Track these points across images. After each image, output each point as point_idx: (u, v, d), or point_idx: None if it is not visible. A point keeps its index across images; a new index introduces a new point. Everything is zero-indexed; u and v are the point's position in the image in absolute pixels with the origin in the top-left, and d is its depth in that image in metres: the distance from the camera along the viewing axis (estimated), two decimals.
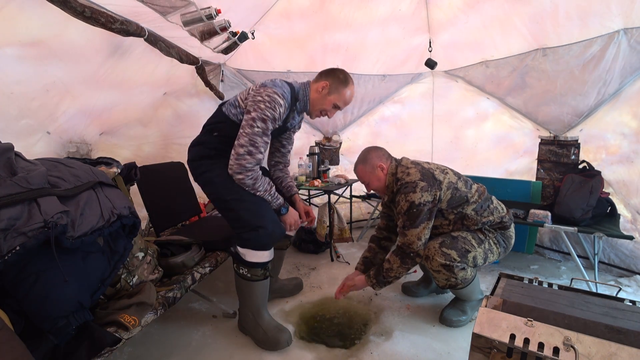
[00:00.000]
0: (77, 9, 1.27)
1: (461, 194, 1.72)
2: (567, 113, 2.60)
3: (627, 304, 1.14)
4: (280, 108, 1.57)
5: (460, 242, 1.68)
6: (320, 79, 1.73)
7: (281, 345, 1.63)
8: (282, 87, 1.62)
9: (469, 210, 1.73)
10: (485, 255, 1.72)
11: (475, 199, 1.75)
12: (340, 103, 1.74)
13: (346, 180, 3.01)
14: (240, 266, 1.64)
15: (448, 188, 1.70)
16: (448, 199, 1.70)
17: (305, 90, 1.74)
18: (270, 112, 1.54)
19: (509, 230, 1.82)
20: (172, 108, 2.55)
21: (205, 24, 1.82)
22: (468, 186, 1.77)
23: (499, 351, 0.96)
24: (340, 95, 1.71)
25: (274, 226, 1.62)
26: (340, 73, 1.73)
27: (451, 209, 1.73)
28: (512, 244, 1.84)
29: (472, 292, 1.81)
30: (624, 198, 2.41)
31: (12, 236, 0.86)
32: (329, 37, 2.91)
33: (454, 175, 1.76)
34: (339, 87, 1.70)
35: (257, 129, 1.54)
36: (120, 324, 1.13)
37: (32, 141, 1.63)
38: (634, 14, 2.08)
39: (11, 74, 1.40)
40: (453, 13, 2.75)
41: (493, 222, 1.75)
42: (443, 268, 1.64)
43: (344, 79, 1.71)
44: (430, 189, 1.65)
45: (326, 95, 1.70)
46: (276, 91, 1.56)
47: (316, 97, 1.73)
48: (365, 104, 3.52)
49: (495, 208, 1.79)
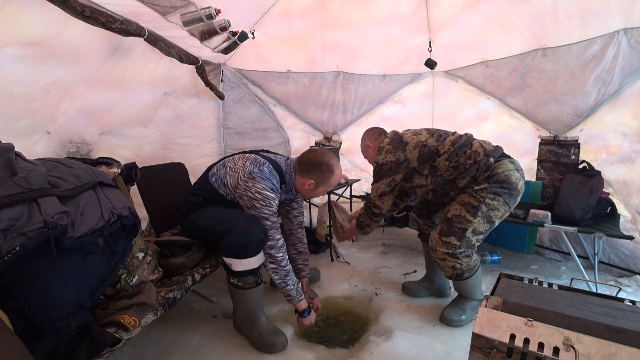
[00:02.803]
0: (77, 9, 1.27)
1: (430, 149, 1.81)
2: (567, 113, 2.60)
3: (627, 304, 1.14)
4: (274, 201, 1.62)
5: (455, 224, 1.71)
6: (305, 175, 1.71)
7: (277, 348, 1.62)
8: (271, 178, 1.63)
9: (441, 161, 1.79)
10: (488, 218, 1.71)
11: (447, 148, 1.78)
12: (329, 189, 1.83)
13: (346, 180, 3.01)
14: (230, 277, 1.62)
15: (415, 147, 1.83)
16: (417, 157, 1.82)
17: (290, 175, 1.74)
18: (267, 210, 1.60)
19: (500, 174, 1.70)
20: (172, 108, 2.55)
21: (205, 23, 1.81)
22: (440, 140, 1.82)
23: (499, 351, 0.96)
24: (328, 185, 1.75)
25: (248, 224, 1.54)
26: (324, 165, 1.68)
27: (422, 164, 1.83)
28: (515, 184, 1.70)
29: (475, 287, 1.81)
30: (624, 198, 2.41)
31: (12, 236, 0.86)
32: (329, 37, 2.91)
33: (427, 134, 1.87)
34: (325, 180, 1.71)
35: (266, 226, 1.60)
36: (120, 325, 1.13)
37: (32, 141, 1.63)
38: (634, 14, 2.09)
39: (11, 74, 1.40)
40: (453, 13, 2.75)
41: (466, 165, 1.73)
42: (448, 256, 1.72)
43: (328, 170, 1.69)
44: (395, 151, 1.84)
45: (314, 189, 1.74)
46: (265, 187, 1.59)
47: (304, 190, 1.76)
48: (365, 104, 3.52)
49: (472, 152, 1.74)
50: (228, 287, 1.68)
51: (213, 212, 1.68)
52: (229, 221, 1.57)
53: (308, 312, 1.73)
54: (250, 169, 1.62)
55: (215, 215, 1.66)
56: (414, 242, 3.20)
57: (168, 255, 1.67)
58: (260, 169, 1.63)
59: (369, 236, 3.36)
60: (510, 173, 1.71)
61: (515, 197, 1.74)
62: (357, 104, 3.48)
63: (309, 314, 1.74)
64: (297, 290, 1.70)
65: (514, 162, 1.77)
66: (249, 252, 1.55)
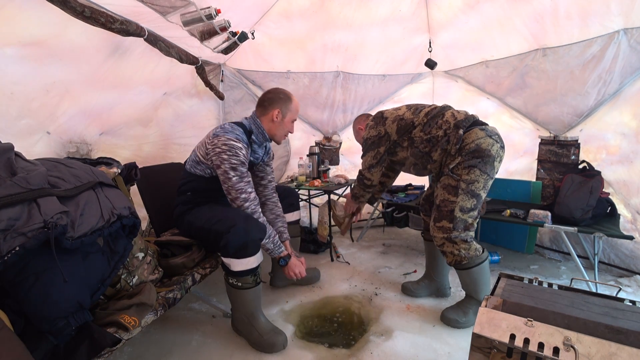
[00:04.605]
0: (77, 9, 1.27)
1: (407, 121, 1.88)
2: (567, 113, 2.60)
3: (627, 304, 1.14)
4: (242, 151, 1.69)
5: (443, 208, 1.77)
6: (268, 108, 1.84)
7: (277, 348, 1.62)
8: (234, 130, 1.73)
9: (416, 132, 1.85)
10: (471, 193, 1.70)
11: (421, 119, 1.85)
12: (296, 115, 1.92)
13: (346, 180, 3.01)
14: (229, 277, 1.62)
15: (393, 121, 1.91)
16: (395, 130, 1.90)
17: (255, 123, 1.85)
18: (235, 159, 1.66)
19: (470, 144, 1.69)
20: (172, 108, 2.55)
21: (205, 24, 1.81)
22: (417, 113, 1.89)
23: (499, 351, 0.96)
24: (293, 110, 1.88)
25: (246, 223, 1.57)
26: (281, 93, 1.86)
27: (401, 137, 1.90)
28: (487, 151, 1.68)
29: (478, 284, 1.79)
30: (624, 198, 2.41)
31: (12, 236, 0.86)
32: (329, 37, 2.91)
33: (405, 108, 1.95)
34: (288, 105, 1.85)
35: (234, 178, 1.66)
36: (120, 325, 1.13)
37: (32, 141, 1.63)
38: (634, 14, 2.08)
39: (11, 74, 1.40)
40: (453, 13, 2.75)
41: (437, 136, 1.77)
42: (445, 240, 1.77)
43: (285, 96, 1.86)
44: (376, 126, 1.95)
45: (282, 119, 1.85)
46: (229, 137, 1.68)
47: (275, 126, 1.86)
48: (365, 104, 3.52)
49: (443, 122, 1.78)
50: (226, 288, 1.68)
51: (210, 213, 1.69)
52: (227, 221, 1.58)
53: (288, 258, 1.80)
54: (213, 132, 1.74)
55: (213, 215, 1.66)
56: (414, 242, 3.20)
57: (168, 255, 1.67)
58: (222, 127, 1.75)
59: (369, 236, 3.37)
60: (480, 141, 1.69)
61: (492, 164, 1.71)
62: (357, 104, 3.47)
63: (289, 259, 1.80)
64: (275, 242, 1.76)
65: (485, 128, 1.75)
66: (248, 252, 1.56)
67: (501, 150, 1.76)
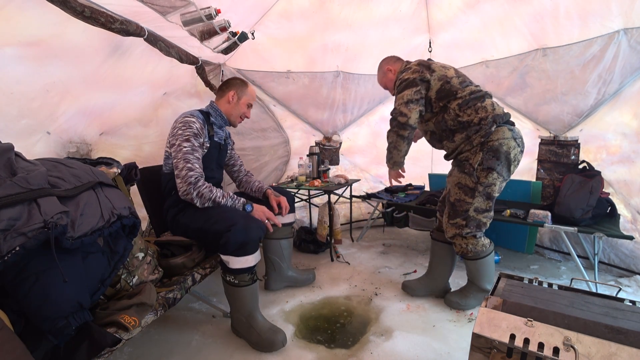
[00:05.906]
0: (77, 9, 1.27)
1: (451, 87, 1.78)
2: (567, 113, 2.60)
3: (627, 304, 1.14)
4: (195, 124, 1.74)
5: (458, 207, 1.83)
6: (225, 91, 1.95)
7: (276, 346, 1.63)
8: (190, 112, 1.81)
9: (453, 104, 1.78)
10: (487, 195, 1.77)
11: (464, 95, 1.77)
12: (251, 100, 1.99)
13: (346, 180, 3.01)
14: (227, 274, 1.63)
15: (439, 79, 1.79)
16: (437, 89, 1.80)
17: (213, 107, 1.94)
18: (188, 131, 1.71)
19: (494, 141, 1.71)
20: (172, 108, 2.54)
21: (205, 24, 1.81)
22: (463, 85, 1.80)
23: (499, 351, 0.96)
24: (248, 94, 1.97)
25: (246, 222, 1.58)
26: (237, 79, 1.99)
27: (438, 100, 1.81)
28: (506, 154, 1.71)
29: (480, 272, 1.90)
30: (625, 198, 2.41)
31: (12, 236, 0.86)
32: (329, 37, 2.90)
33: (454, 72, 1.84)
34: (243, 89, 1.96)
35: (185, 148, 1.68)
36: (120, 325, 1.13)
37: (32, 141, 1.63)
38: (634, 14, 2.08)
39: (11, 74, 1.40)
40: (453, 13, 2.75)
41: (470, 122, 1.74)
42: (457, 236, 1.87)
43: (242, 81, 1.98)
44: (420, 70, 1.80)
45: (238, 101, 1.94)
46: (185, 115, 1.77)
47: (230, 107, 1.94)
48: (365, 103, 3.52)
49: (482, 107, 1.74)
50: (224, 287, 1.69)
51: (206, 214, 1.69)
52: (227, 220, 1.59)
53: (250, 206, 1.78)
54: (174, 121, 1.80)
55: (210, 216, 1.67)
56: (414, 242, 3.20)
57: (168, 255, 1.67)
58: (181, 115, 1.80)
59: (369, 236, 3.37)
60: (503, 142, 1.71)
61: (508, 167, 1.75)
62: (357, 104, 3.47)
63: (251, 207, 1.78)
64: (230, 197, 1.75)
65: (513, 129, 1.77)
66: (247, 250, 1.58)
67: (520, 154, 1.79)
